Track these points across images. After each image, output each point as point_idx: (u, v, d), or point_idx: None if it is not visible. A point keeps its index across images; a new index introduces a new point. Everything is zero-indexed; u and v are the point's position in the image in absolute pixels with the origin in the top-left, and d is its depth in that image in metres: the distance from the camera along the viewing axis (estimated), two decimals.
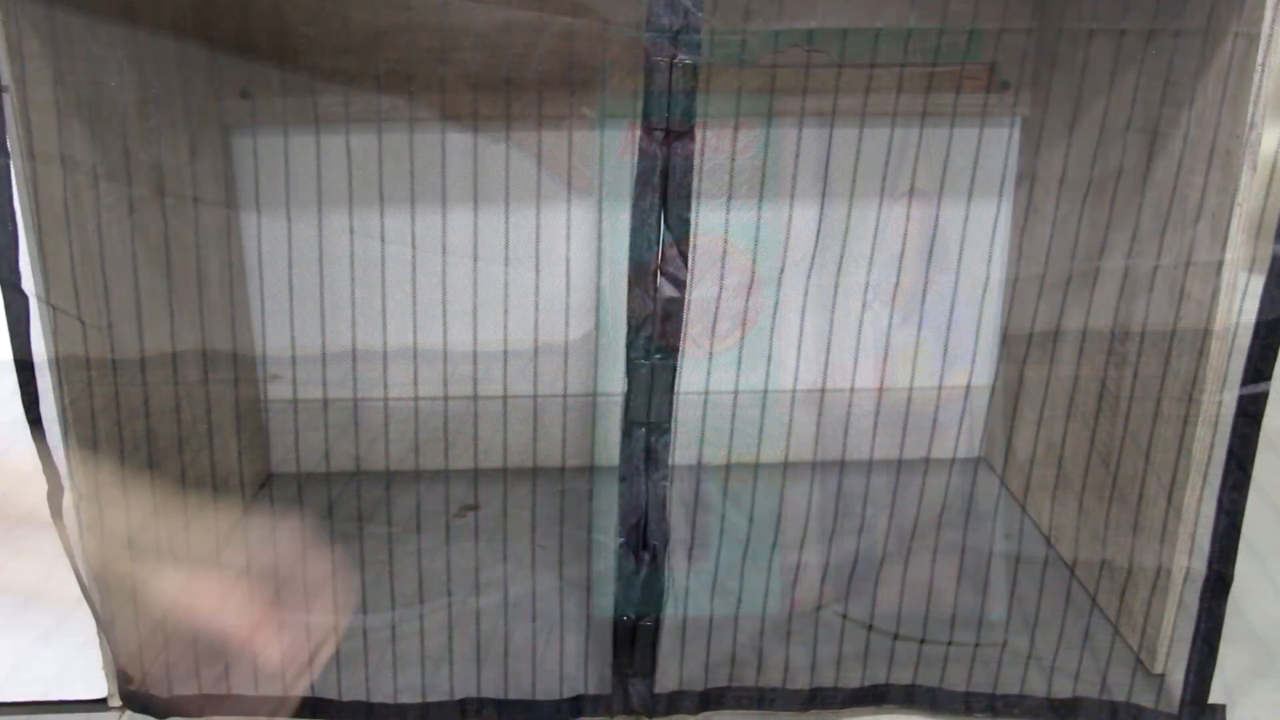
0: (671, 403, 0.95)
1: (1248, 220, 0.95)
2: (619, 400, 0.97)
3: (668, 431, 0.97)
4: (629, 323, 0.94)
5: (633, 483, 0.97)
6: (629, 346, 0.94)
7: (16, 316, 0.92)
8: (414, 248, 1.40)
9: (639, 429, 0.96)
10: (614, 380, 1.55)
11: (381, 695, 1.09)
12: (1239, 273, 0.97)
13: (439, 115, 1.36)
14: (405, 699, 1.09)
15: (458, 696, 1.09)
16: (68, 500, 0.98)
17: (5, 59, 0.89)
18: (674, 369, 0.94)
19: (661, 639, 1.05)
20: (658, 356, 0.94)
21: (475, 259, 1.43)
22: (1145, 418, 1.11)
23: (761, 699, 1.08)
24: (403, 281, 1.42)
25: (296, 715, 1.07)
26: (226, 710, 1.07)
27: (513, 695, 1.09)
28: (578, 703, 1.09)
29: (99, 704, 1.08)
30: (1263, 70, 0.91)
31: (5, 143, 0.89)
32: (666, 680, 1.09)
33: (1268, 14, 0.89)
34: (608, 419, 1.56)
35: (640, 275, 0.93)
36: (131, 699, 1.08)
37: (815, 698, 1.08)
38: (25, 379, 0.94)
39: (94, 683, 1.07)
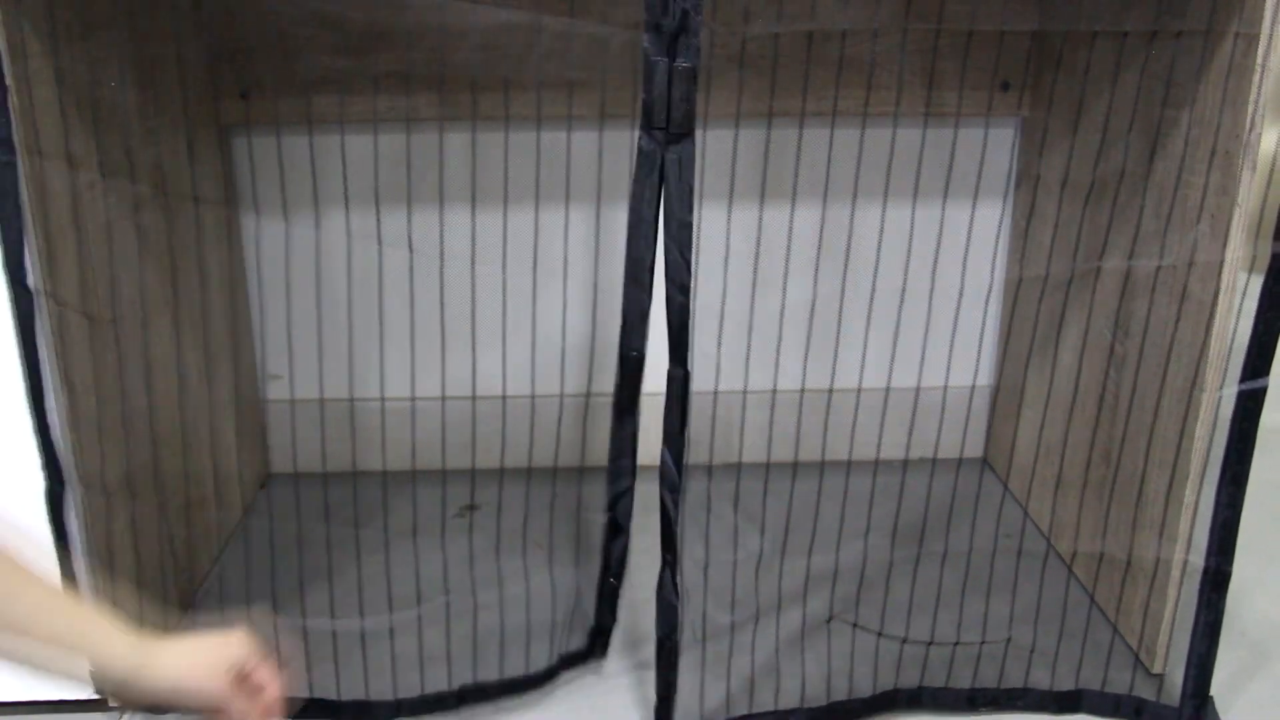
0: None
1: (1247, 220, 0.95)
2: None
3: None
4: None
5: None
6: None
7: (22, 312, 0.92)
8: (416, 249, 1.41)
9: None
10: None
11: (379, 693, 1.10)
12: (1238, 272, 0.98)
13: (437, 116, 1.35)
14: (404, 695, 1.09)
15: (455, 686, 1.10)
16: (70, 496, 0.98)
17: (7, 58, 0.88)
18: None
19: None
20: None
21: (473, 262, 1.43)
22: (1146, 415, 1.11)
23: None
24: (401, 283, 1.43)
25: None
26: None
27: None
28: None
29: (99, 704, 1.08)
30: (1262, 71, 0.91)
31: (11, 141, 0.88)
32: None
33: (1268, 15, 0.90)
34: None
35: (636, 274, 0.93)
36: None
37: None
38: (30, 373, 0.94)
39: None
